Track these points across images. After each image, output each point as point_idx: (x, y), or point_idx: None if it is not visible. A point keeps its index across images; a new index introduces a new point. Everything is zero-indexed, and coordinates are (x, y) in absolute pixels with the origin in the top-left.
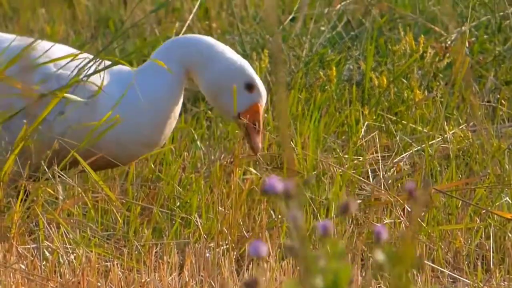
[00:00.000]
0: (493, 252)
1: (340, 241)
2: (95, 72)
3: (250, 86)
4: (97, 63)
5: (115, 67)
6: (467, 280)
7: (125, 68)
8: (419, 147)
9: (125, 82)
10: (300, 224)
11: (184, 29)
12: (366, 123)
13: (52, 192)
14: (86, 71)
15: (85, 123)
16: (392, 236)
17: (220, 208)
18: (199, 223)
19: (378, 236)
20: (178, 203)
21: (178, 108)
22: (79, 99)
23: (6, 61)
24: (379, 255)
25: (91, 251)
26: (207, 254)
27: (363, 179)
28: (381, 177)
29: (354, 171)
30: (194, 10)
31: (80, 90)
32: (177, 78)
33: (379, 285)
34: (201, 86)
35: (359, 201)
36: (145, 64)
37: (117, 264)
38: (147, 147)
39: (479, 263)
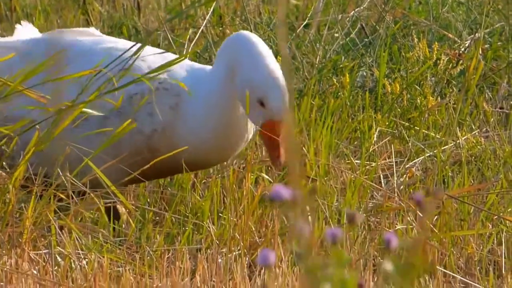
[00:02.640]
0: (505, 258)
1: (343, 250)
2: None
3: (261, 103)
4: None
5: (185, 64)
6: (479, 286)
7: (197, 66)
8: (431, 153)
9: (202, 84)
10: (306, 232)
11: (198, 36)
12: (379, 129)
13: (64, 197)
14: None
15: (169, 127)
16: (404, 242)
17: (232, 214)
18: (211, 229)
19: (388, 243)
20: (190, 209)
21: (235, 118)
22: (95, 113)
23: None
24: (387, 265)
25: (103, 257)
26: (219, 260)
27: (375, 185)
28: (393, 182)
29: (366, 176)
30: (208, 17)
31: (166, 94)
32: (225, 79)
33: None
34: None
35: (371, 206)
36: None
37: (129, 269)
38: (219, 153)
39: (491, 269)
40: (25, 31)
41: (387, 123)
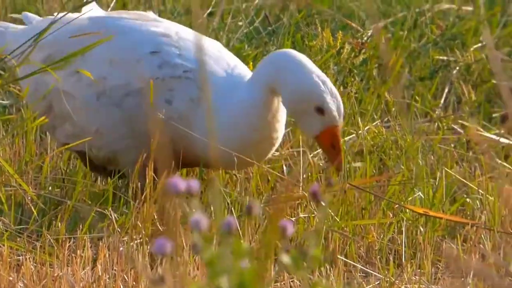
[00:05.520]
0: (405, 247)
1: (243, 241)
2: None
3: (320, 110)
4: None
5: (225, 63)
6: (379, 275)
7: (237, 72)
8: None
9: (238, 90)
10: (203, 224)
11: None
12: None
13: None
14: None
15: (188, 117)
16: (307, 230)
17: (134, 202)
18: (113, 217)
19: (284, 231)
20: (92, 197)
21: (268, 128)
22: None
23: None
24: (284, 258)
25: (3, 245)
26: (121, 248)
27: (278, 174)
28: (298, 172)
29: (269, 165)
30: (112, 4)
31: (189, 85)
32: (260, 94)
33: (292, 279)
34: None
35: (273, 196)
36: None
37: (29, 258)
38: (239, 159)
39: (391, 258)
40: (92, 9)
41: None
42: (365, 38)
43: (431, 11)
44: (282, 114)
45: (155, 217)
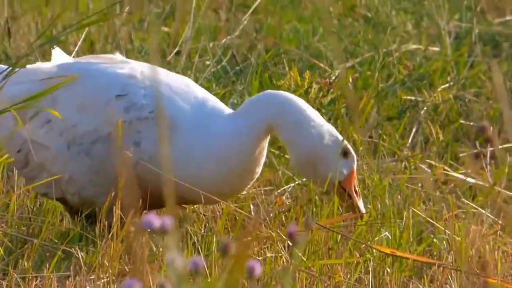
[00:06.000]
0: (372, 287)
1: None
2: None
3: (345, 153)
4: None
5: (200, 95)
6: None
7: (211, 105)
8: (300, 181)
9: (217, 122)
10: (178, 262)
11: None
12: None
13: None
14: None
15: (158, 158)
16: (273, 270)
17: (101, 241)
18: (80, 256)
19: (251, 272)
20: (59, 235)
21: (254, 162)
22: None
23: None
24: None
25: None
26: (87, 287)
27: (245, 213)
28: (263, 211)
29: (236, 204)
30: (79, 43)
31: (153, 125)
32: (255, 134)
33: None
34: (291, 158)
35: (241, 236)
36: (239, 109)
37: None
38: (217, 194)
39: None
40: (61, 56)
41: None
42: (333, 78)
43: (399, 52)
44: (265, 149)
45: (122, 256)
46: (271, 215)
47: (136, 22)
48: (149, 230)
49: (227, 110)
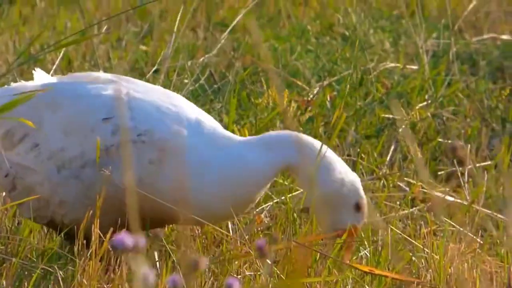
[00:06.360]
0: None
1: None
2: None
3: (358, 207)
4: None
5: (193, 120)
6: None
7: (208, 129)
8: (278, 199)
9: (225, 152)
10: (150, 280)
11: None
12: None
13: None
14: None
15: (147, 182)
16: None
17: (80, 259)
18: (59, 275)
19: None
20: (38, 254)
21: (256, 196)
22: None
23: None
24: None
25: None
26: None
27: (223, 232)
28: (241, 229)
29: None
30: (57, 61)
31: (145, 148)
32: (269, 170)
33: None
34: (307, 198)
35: (219, 254)
36: (251, 138)
37: None
38: (210, 219)
39: None
40: (43, 76)
41: None
42: (311, 96)
43: (376, 70)
44: None
45: (101, 274)
46: (250, 233)
47: (114, 40)
48: (121, 249)
49: (227, 132)
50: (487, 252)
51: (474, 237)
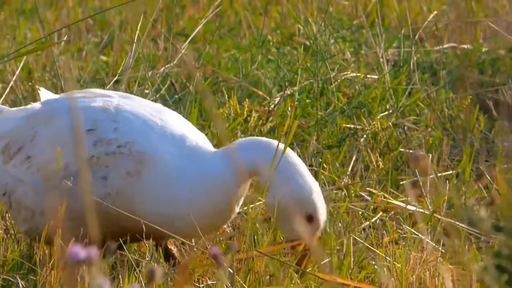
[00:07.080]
0: None
1: None
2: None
3: (310, 218)
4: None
5: (178, 134)
6: None
7: (193, 137)
8: (241, 210)
9: (200, 166)
10: None
11: (7, 91)
12: None
13: None
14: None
15: (126, 192)
16: None
17: (42, 269)
18: (20, 285)
19: None
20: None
21: (231, 205)
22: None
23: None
24: None
25: None
26: None
27: (186, 241)
28: (204, 239)
29: None
30: (17, 72)
31: (124, 159)
32: (236, 177)
33: None
34: (266, 198)
35: (180, 263)
36: (225, 147)
37: None
38: (185, 234)
39: None
40: (47, 94)
41: None
42: (272, 106)
43: (337, 79)
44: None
45: (63, 285)
46: (213, 243)
47: (74, 51)
48: (75, 261)
49: (209, 146)
50: (449, 261)
51: (436, 245)
